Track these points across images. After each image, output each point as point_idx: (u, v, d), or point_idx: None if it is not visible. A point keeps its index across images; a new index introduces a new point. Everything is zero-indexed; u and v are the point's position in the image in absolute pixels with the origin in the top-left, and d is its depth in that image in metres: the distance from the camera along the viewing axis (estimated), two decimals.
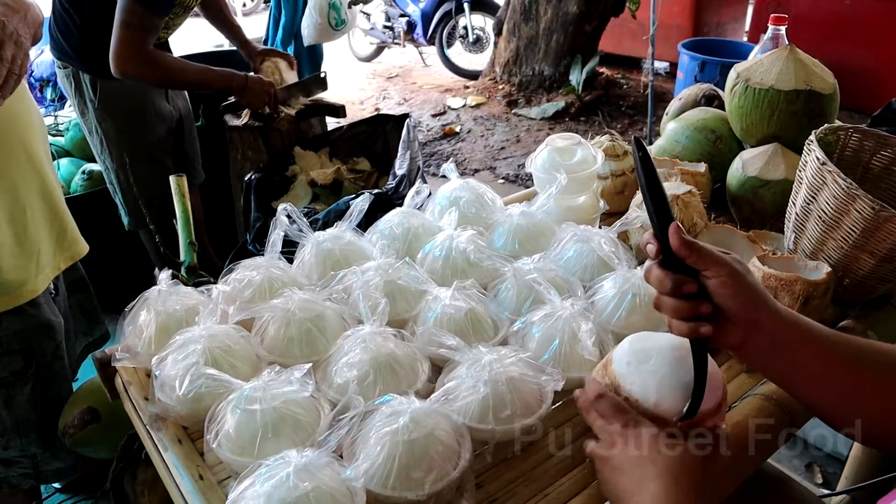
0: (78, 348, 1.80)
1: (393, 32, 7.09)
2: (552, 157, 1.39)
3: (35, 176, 1.50)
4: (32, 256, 1.48)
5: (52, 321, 1.56)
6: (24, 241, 1.46)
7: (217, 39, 3.78)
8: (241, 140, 2.73)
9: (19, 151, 1.45)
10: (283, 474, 0.78)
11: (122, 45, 2.14)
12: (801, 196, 1.21)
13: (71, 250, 1.65)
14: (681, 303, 0.81)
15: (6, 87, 1.16)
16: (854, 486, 1.81)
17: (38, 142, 1.53)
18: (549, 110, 5.59)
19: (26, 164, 1.47)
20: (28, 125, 1.50)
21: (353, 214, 1.27)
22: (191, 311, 1.12)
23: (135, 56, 2.17)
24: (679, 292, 0.81)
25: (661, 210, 0.80)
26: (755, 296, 0.81)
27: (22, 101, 1.49)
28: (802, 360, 0.83)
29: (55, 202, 1.58)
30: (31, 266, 1.48)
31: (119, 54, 2.16)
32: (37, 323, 1.52)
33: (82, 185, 3.04)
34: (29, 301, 1.48)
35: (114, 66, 2.18)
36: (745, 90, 1.47)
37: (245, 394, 0.90)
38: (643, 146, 0.81)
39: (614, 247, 1.19)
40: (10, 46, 1.15)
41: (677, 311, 0.82)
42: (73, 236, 1.66)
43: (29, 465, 1.61)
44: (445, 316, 1.06)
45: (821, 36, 4.93)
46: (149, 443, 1.05)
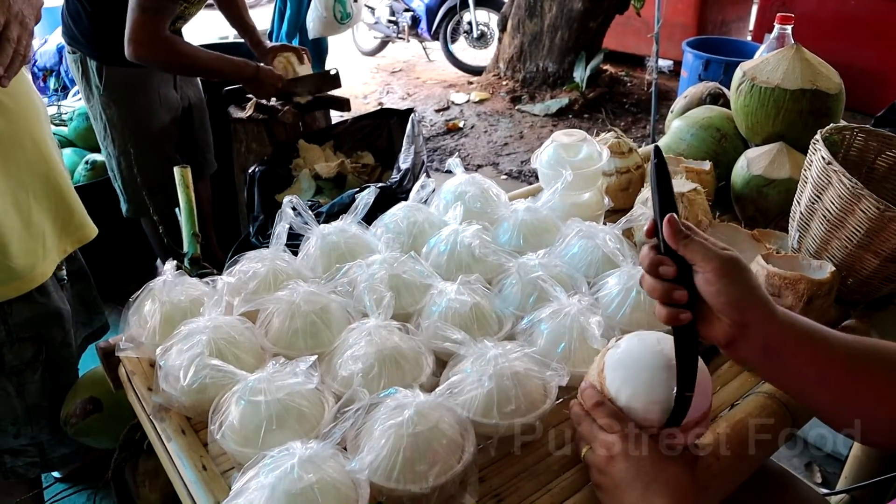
0: (79, 339, 1.80)
1: (397, 27, 7.07)
2: (557, 154, 1.39)
3: (40, 160, 1.50)
4: (38, 240, 1.49)
5: (62, 309, 1.57)
6: (30, 226, 1.46)
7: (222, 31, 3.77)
8: (245, 132, 2.73)
9: (24, 135, 1.46)
10: (287, 465, 0.78)
11: (138, 28, 2.14)
12: (805, 195, 1.21)
13: (78, 234, 1.65)
14: (657, 283, 0.82)
15: (12, 67, 1.15)
16: (854, 486, 1.81)
17: (42, 126, 1.53)
18: (553, 107, 5.59)
19: (31, 148, 1.47)
20: (31, 109, 1.50)
21: (358, 208, 1.27)
22: (195, 302, 1.12)
23: (150, 40, 2.17)
24: (655, 272, 0.82)
25: (665, 200, 0.82)
26: (744, 296, 0.80)
27: (25, 84, 1.49)
28: (796, 363, 0.82)
29: (61, 186, 1.58)
30: (38, 250, 1.48)
31: (135, 38, 2.15)
32: (46, 311, 1.52)
33: (85, 174, 3.04)
34: (39, 289, 1.49)
35: (129, 50, 2.17)
36: (750, 89, 1.47)
37: (250, 385, 0.91)
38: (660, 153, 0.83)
39: (619, 243, 1.19)
40: (16, 26, 1.14)
41: (653, 290, 0.83)
42: (81, 220, 1.66)
43: (36, 453, 1.62)
44: (450, 310, 1.06)
45: (825, 36, 4.91)
46: (152, 433, 1.05)
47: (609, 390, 0.88)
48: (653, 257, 0.82)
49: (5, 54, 1.12)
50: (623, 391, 0.87)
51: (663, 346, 0.88)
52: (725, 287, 0.79)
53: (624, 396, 0.87)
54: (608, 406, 0.87)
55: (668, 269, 0.81)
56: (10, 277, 1.42)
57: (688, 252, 0.80)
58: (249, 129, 2.71)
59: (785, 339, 0.81)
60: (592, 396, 0.89)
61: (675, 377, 0.83)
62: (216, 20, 3.01)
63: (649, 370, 0.86)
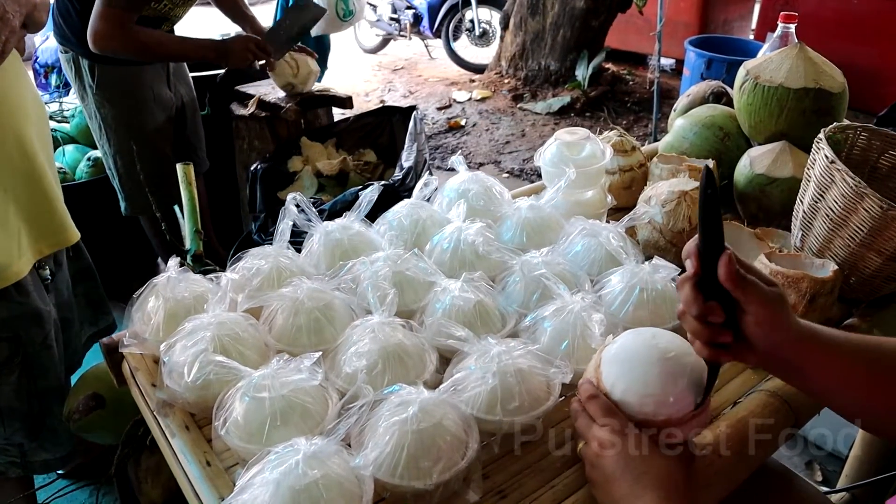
0: (83, 337, 1.79)
1: (399, 24, 7.07)
2: (561, 152, 1.39)
3: (23, 159, 1.49)
4: (13, 238, 1.47)
5: (41, 310, 1.55)
6: (6, 223, 1.45)
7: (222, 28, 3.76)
8: (248, 129, 2.73)
9: (7, 132, 1.44)
10: (292, 461, 0.78)
11: (101, 21, 2.15)
12: (808, 194, 1.21)
13: (57, 237, 1.63)
14: (703, 327, 0.81)
15: None
16: (854, 484, 1.81)
17: (30, 125, 1.51)
18: (555, 105, 5.59)
19: (13, 146, 1.46)
20: (19, 108, 1.48)
21: (362, 205, 1.27)
22: (199, 299, 1.12)
23: (112, 33, 2.17)
24: (704, 319, 0.80)
25: (714, 233, 0.78)
26: (783, 329, 0.80)
27: (15, 83, 1.48)
28: (818, 374, 0.83)
29: (44, 187, 1.56)
30: (13, 248, 1.47)
31: (96, 30, 2.16)
32: (24, 311, 1.51)
33: (87, 171, 3.04)
34: (17, 288, 1.48)
35: (91, 42, 2.18)
36: (754, 87, 1.46)
37: (254, 381, 0.91)
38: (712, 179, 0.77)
39: (622, 241, 1.19)
40: None
41: (698, 333, 0.82)
42: (62, 223, 1.64)
43: (16, 453, 1.61)
44: (454, 307, 1.06)
45: (827, 35, 4.90)
46: (156, 429, 1.05)
47: (605, 385, 0.88)
48: (701, 306, 0.79)
49: None
50: (618, 385, 0.87)
51: (658, 341, 0.88)
52: (772, 333, 0.79)
53: (619, 391, 0.87)
54: (601, 399, 0.87)
55: (718, 318, 0.79)
56: None
57: (742, 296, 0.78)
58: (252, 126, 2.71)
59: (808, 355, 0.82)
60: (587, 391, 0.89)
61: (672, 371, 0.84)
62: (214, 17, 3.00)
63: (644, 365, 0.87)
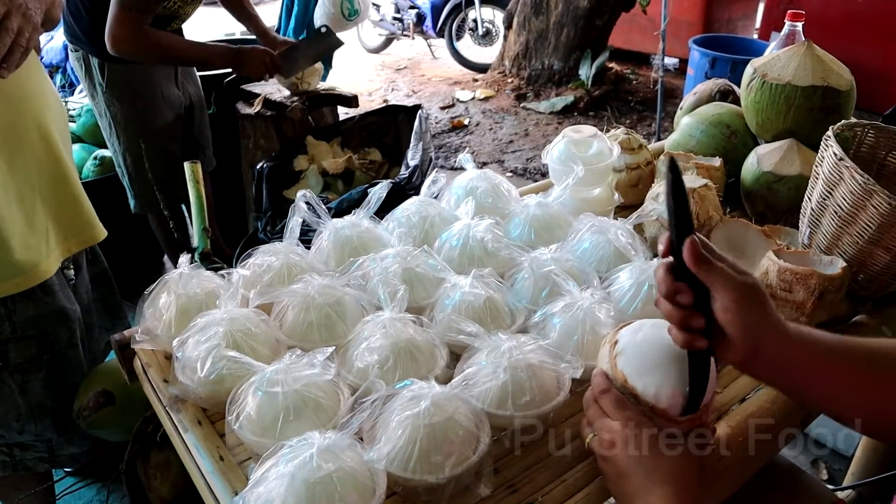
0: (101, 343, 1.80)
1: (402, 24, 7.08)
2: (568, 149, 1.39)
3: (48, 156, 1.49)
4: (42, 237, 1.47)
5: (67, 308, 1.56)
6: (33, 222, 1.45)
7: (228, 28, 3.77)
8: (253, 128, 2.74)
9: (32, 131, 1.44)
10: (306, 455, 0.79)
11: (117, 24, 2.17)
12: (817, 191, 1.22)
13: (84, 234, 1.63)
14: (674, 309, 0.81)
15: (11, 58, 1.13)
16: (860, 482, 1.82)
17: (53, 122, 1.51)
18: (558, 104, 5.59)
19: (39, 144, 1.46)
20: (43, 104, 1.48)
21: (370, 202, 1.28)
22: (210, 295, 1.13)
23: (129, 35, 2.20)
24: (672, 299, 0.80)
25: (682, 219, 0.79)
26: (759, 323, 0.80)
27: (38, 80, 1.48)
28: (809, 379, 0.83)
29: (69, 184, 1.56)
30: (41, 247, 1.47)
31: (114, 34, 2.19)
32: (51, 310, 1.51)
33: (94, 170, 3.05)
34: (43, 287, 1.48)
35: (109, 45, 2.20)
36: (761, 85, 1.47)
37: (267, 376, 0.92)
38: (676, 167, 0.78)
39: (631, 238, 1.20)
40: (17, 17, 1.13)
41: (669, 315, 0.82)
42: (88, 220, 1.64)
43: (44, 448, 1.62)
44: (464, 303, 1.07)
45: (832, 34, 4.88)
46: (168, 425, 1.06)
47: (623, 372, 0.88)
48: (670, 285, 0.80)
49: (2, 44, 1.10)
50: (635, 377, 0.87)
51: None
52: (741, 317, 0.79)
53: (636, 382, 0.87)
54: (614, 393, 0.87)
55: (685, 298, 0.80)
56: (11, 273, 1.41)
57: (708, 278, 0.79)
58: (257, 125, 2.72)
59: (797, 357, 0.82)
60: (600, 384, 0.89)
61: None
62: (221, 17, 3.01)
63: (664, 358, 0.87)
